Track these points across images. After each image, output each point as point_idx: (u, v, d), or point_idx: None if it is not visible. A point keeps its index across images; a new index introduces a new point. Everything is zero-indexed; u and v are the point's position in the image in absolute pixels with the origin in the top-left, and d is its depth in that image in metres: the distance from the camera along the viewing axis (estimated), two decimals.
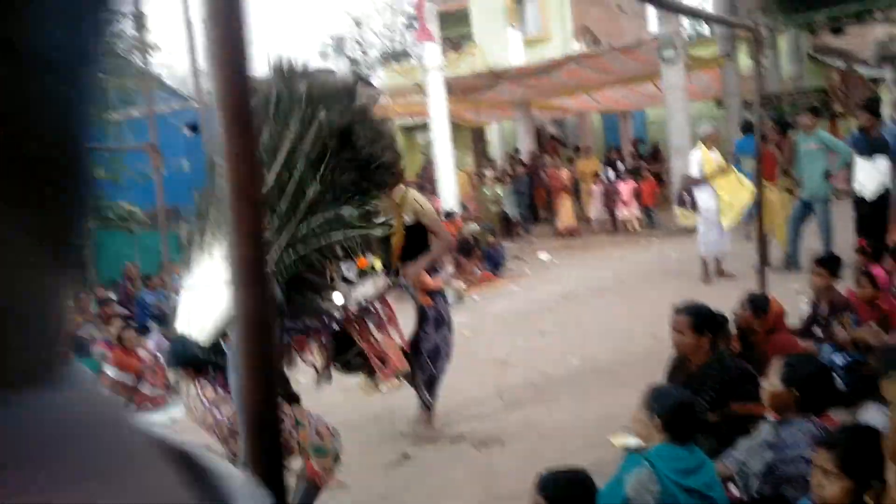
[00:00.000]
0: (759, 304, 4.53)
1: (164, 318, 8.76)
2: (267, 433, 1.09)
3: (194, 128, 16.05)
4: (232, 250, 1.02)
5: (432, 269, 5.34)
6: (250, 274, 1.02)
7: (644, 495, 2.68)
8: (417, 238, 5.07)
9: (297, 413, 3.64)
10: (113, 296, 11.06)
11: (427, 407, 5.33)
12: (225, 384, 3.45)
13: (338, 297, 3.99)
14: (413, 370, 5.02)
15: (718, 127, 9.44)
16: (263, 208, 1.03)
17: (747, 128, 10.22)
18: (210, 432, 3.48)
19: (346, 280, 4.24)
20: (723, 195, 8.94)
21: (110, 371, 7.16)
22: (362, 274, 4.47)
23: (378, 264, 4.84)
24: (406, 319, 5.13)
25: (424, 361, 5.16)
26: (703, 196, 9.31)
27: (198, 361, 3.42)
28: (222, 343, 3.25)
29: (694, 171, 9.36)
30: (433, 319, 5.17)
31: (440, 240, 5.18)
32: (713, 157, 9.01)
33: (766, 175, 9.56)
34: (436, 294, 5.27)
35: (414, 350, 5.04)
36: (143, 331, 9.15)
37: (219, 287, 3.05)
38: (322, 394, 6.75)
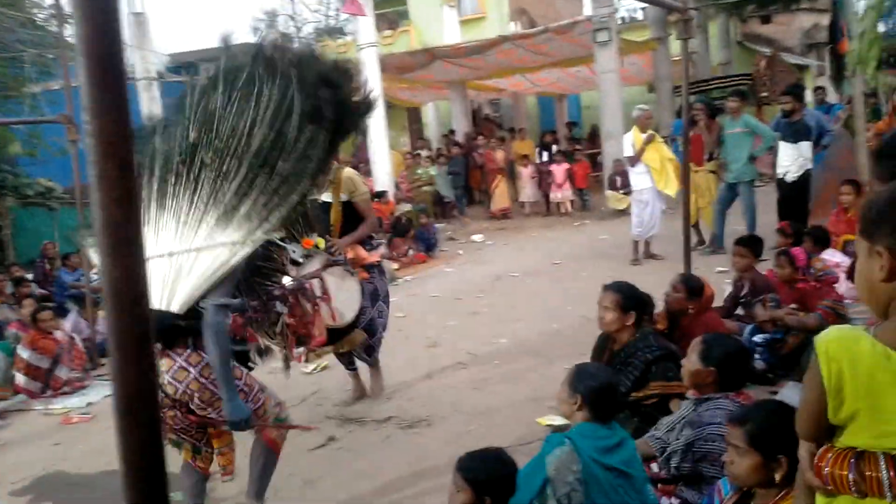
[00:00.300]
0: (693, 285, 4.57)
1: (83, 299, 8.43)
2: (143, 415, 0.99)
3: None
4: (98, 214, 0.92)
5: (368, 245, 5.43)
6: (118, 240, 0.92)
7: (565, 474, 2.66)
8: (355, 215, 5.24)
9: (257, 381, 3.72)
10: (29, 275, 10.59)
11: (374, 364, 5.64)
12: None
13: (286, 280, 4.12)
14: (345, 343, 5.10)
15: (650, 110, 9.49)
16: (132, 168, 0.92)
17: (681, 111, 10.38)
18: (196, 397, 3.40)
19: (293, 262, 4.31)
20: (654, 166, 9.04)
21: (25, 353, 6.84)
22: (307, 254, 4.53)
23: (322, 243, 4.81)
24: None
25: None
26: (635, 177, 9.39)
27: (177, 333, 3.37)
28: (201, 307, 3.25)
29: (627, 152, 9.43)
30: (369, 293, 5.18)
31: (367, 221, 5.31)
32: (644, 139, 9.09)
33: (694, 158, 9.72)
34: (372, 268, 5.37)
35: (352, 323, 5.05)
36: (61, 311, 8.79)
37: (185, 260, 3.27)
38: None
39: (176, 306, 3.25)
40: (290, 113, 3.49)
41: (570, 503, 2.62)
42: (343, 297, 4.75)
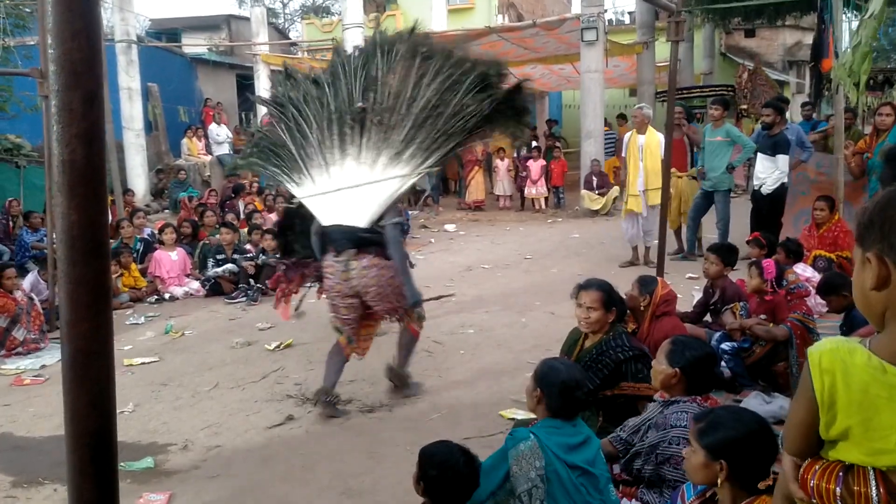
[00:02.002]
0: (645, 283, 4.53)
1: (44, 260, 8.23)
2: (94, 372, 0.91)
3: None
4: (57, 150, 0.83)
5: None
6: (78, 180, 0.84)
7: (528, 469, 2.61)
8: None
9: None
10: None
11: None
12: (383, 256, 4.66)
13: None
14: None
15: (638, 110, 9.38)
16: (98, 102, 0.84)
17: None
18: (372, 290, 4.67)
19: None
20: (649, 178, 8.89)
21: None
22: None
23: None
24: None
25: None
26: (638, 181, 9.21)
27: (364, 242, 4.61)
28: (377, 227, 4.62)
29: (622, 153, 9.31)
30: None
31: None
32: (639, 142, 8.94)
33: (676, 163, 9.68)
34: None
35: None
36: (21, 271, 8.57)
37: (368, 189, 4.64)
38: (210, 351, 6.51)
39: (363, 223, 4.61)
40: (455, 90, 4.79)
41: (530, 499, 2.57)
42: None
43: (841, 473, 1.58)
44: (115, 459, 0.94)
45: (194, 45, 24.25)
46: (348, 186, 4.69)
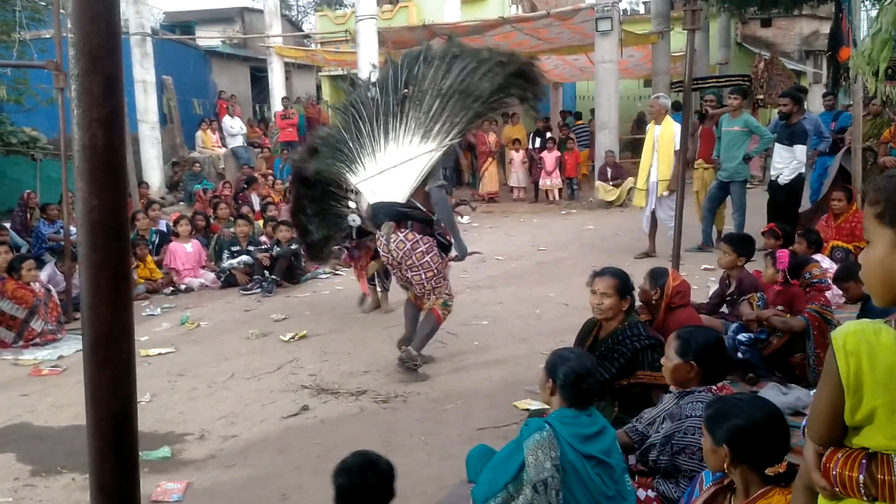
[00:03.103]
0: (655, 276, 4.50)
1: (61, 251, 8.29)
2: (115, 356, 0.91)
3: None
4: (78, 135, 0.83)
5: None
6: (99, 166, 0.84)
7: (543, 460, 2.59)
8: None
9: (445, 268, 5.51)
10: (7, 224, 10.39)
11: (386, 290, 7.36)
12: (420, 230, 5.21)
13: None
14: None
15: (654, 99, 9.28)
16: (119, 86, 0.84)
17: (678, 107, 10.21)
18: (408, 263, 5.24)
19: None
20: (661, 168, 8.80)
21: (0, 303, 6.69)
22: None
23: None
24: None
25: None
26: (650, 172, 9.10)
27: (401, 216, 5.18)
28: (413, 201, 5.22)
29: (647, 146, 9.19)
30: None
31: None
32: (655, 132, 8.86)
33: (703, 154, 9.59)
34: None
35: None
36: (38, 263, 8.62)
37: (402, 168, 5.27)
38: (225, 342, 6.55)
39: (401, 198, 5.21)
40: (475, 74, 5.46)
41: (545, 489, 2.56)
42: None
43: (864, 461, 1.57)
44: (136, 443, 0.95)
45: (208, 37, 24.29)
46: (388, 167, 5.35)
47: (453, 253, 5.58)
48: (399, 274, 5.45)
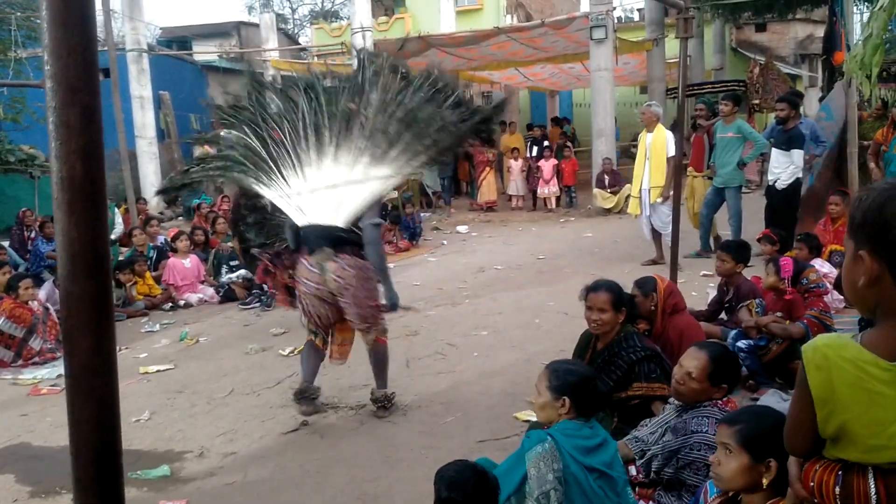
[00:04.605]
0: (643, 285, 4.49)
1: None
2: (97, 388, 0.91)
3: (104, 72, 15.22)
4: (56, 167, 0.83)
5: None
6: (78, 197, 0.83)
7: (545, 472, 2.58)
8: None
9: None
10: (5, 242, 10.39)
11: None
12: (361, 256, 4.59)
13: None
14: None
15: (646, 107, 9.30)
16: (97, 117, 0.83)
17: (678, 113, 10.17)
18: (349, 292, 4.58)
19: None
20: (653, 176, 8.80)
21: None
22: None
23: None
24: None
25: None
26: (643, 179, 9.10)
27: (340, 242, 4.53)
28: (354, 228, 4.55)
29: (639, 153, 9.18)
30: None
31: None
32: (647, 140, 8.86)
33: (694, 163, 9.60)
34: None
35: None
36: (37, 281, 8.61)
37: (348, 189, 4.56)
38: (224, 357, 6.53)
39: (341, 222, 4.54)
40: (434, 103, 4.83)
41: (549, 501, 2.55)
42: None
43: (840, 472, 1.58)
44: (121, 476, 0.94)
45: (205, 52, 24.39)
46: (324, 186, 4.65)
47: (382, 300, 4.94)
48: (324, 309, 4.75)
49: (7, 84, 12.79)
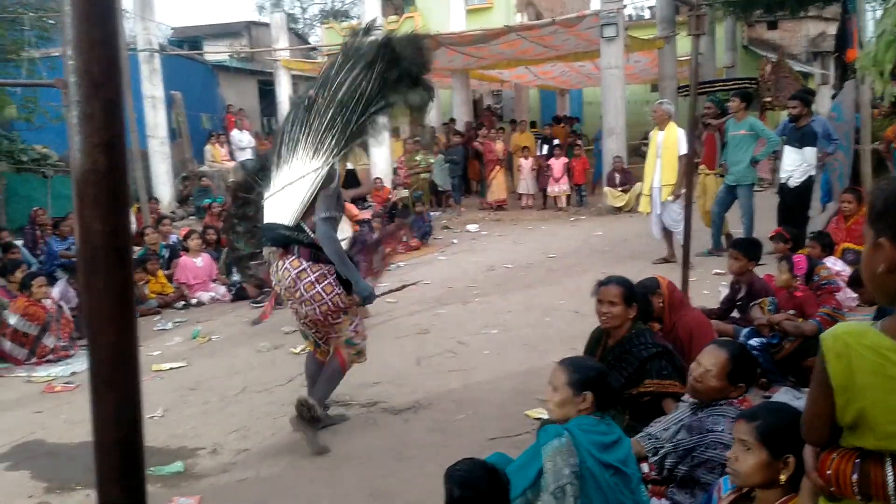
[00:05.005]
0: (647, 286, 4.46)
1: (72, 267, 8.34)
2: (119, 382, 0.92)
3: None
4: (79, 161, 0.84)
5: (360, 205, 7.38)
6: (102, 191, 0.84)
7: (561, 466, 2.56)
8: (355, 178, 6.66)
9: (349, 302, 4.53)
10: (19, 242, 10.46)
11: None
12: (308, 257, 4.35)
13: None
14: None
15: (657, 105, 9.27)
16: (119, 111, 0.84)
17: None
18: (296, 295, 4.37)
19: None
20: (664, 174, 8.77)
21: (12, 319, 6.74)
22: None
23: None
24: None
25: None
26: (654, 177, 9.07)
27: (286, 241, 4.37)
28: (302, 225, 4.36)
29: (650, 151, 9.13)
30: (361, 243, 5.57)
31: (363, 185, 7.22)
32: (659, 138, 8.83)
33: (706, 160, 9.56)
34: (363, 223, 7.42)
35: None
36: (50, 279, 8.67)
37: (294, 185, 4.35)
38: (236, 355, 6.56)
39: (287, 220, 4.35)
40: (368, 75, 4.39)
41: (564, 496, 2.54)
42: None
43: (857, 461, 1.59)
44: (143, 468, 0.95)
45: (215, 52, 24.47)
46: (285, 184, 4.44)
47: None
48: (294, 308, 4.53)
49: (20, 84, 12.87)
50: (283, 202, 4.42)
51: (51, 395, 5.82)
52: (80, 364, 6.60)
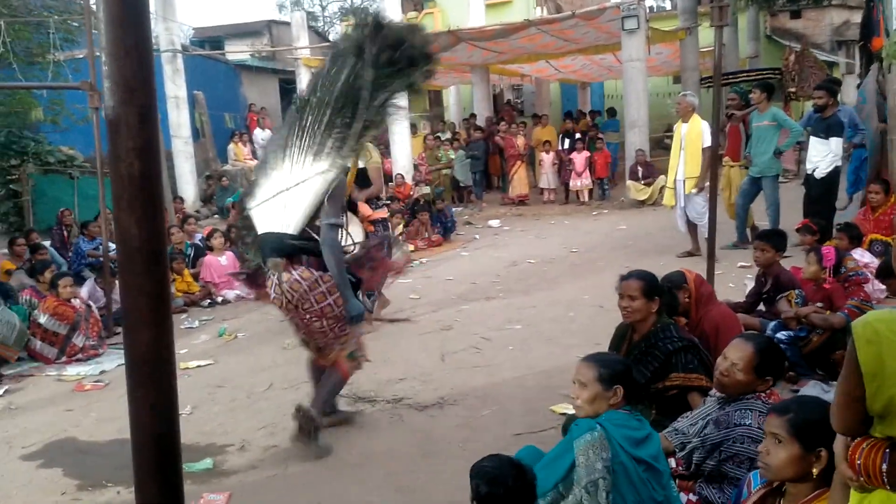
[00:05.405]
0: (673, 280, 4.44)
1: (100, 267, 8.44)
2: (156, 379, 0.94)
3: None
4: (114, 166, 0.86)
5: (374, 204, 7.01)
6: (137, 195, 0.86)
7: (594, 460, 2.56)
8: (364, 180, 6.34)
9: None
10: (46, 242, 10.60)
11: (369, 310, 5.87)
12: (318, 266, 4.23)
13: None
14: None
15: (681, 96, 9.19)
16: (153, 116, 0.86)
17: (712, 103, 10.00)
18: (306, 307, 4.25)
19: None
20: (688, 166, 8.70)
21: (42, 319, 6.84)
22: None
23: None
24: None
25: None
26: (678, 170, 8.99)
27: (293, 251, 4.19)
28: (310, 233, 4.18)
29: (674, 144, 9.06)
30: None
31: (374, 185, 6.73)
32: (682, 130, 8.76)
33: (730, 152, 9.47)
34: (377, 222, 6.90)
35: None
36: (78, 279, 8.79)
37: (294, 191, 4.15)
38: (262, 352, 6.62)
39: (291, 229, 4.14)
40: (362, 79, 4.19)
41: (597, 490, 2.54)
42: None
43: (888, 450, 1.57)
44: (180, 463, 0.97)
45: (237, 51, 24.62)
46: (281, 190, 4.23)
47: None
48: (297, 321, 4.41)
49: (46, 86, 13.03)
50: (280, 209, 4.20)
51: (81, 393, 5.90)
52: (109, 362, 6.69)
